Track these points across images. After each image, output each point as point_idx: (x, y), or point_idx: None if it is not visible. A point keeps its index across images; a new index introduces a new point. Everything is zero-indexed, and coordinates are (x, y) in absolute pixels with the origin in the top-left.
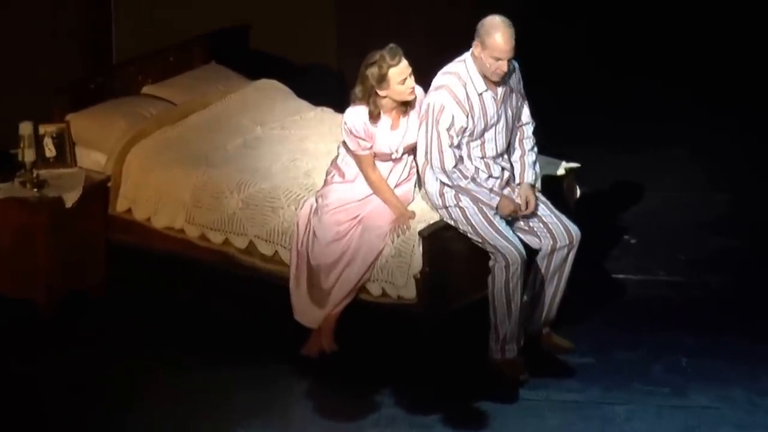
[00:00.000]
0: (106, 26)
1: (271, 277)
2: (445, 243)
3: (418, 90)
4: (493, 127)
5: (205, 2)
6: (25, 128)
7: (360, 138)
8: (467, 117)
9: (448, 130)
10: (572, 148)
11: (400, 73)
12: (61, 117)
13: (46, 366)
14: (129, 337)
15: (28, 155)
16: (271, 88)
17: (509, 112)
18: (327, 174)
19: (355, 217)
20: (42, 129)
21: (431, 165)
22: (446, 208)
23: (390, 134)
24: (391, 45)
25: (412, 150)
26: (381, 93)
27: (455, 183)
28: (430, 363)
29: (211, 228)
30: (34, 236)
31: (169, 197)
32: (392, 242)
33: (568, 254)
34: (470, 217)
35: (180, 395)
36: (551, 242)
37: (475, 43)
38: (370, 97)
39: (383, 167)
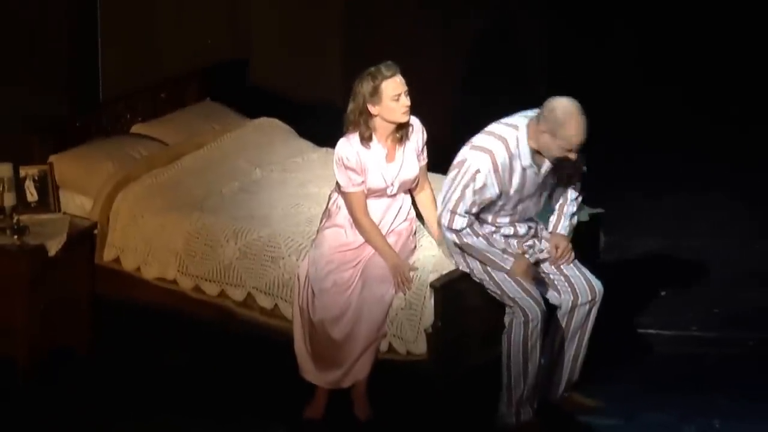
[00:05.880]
0: (92, 58)
1: (272, 332)
2: (459, 295)
3: (416, 121)
4: (529, 199)
5: (199, 34)
6: (4, 170)
7: (351, 169)
8: (500, 191)
9: (474, 195)
10: (595, 192)
11: (394, 87)
12: (44, 158)
13: None
14: (118, 401)
15: (8, 199)
16: (271, 128)
17: (551, 181)
18: (320, 221)
19: (355, 265)
20: (23, 171)
21: (439, 219)
22: (463, 254)
23: (385, 166)
24: (389, 61)
25: (408, 189)
26: (373, 110)
27: (463, 241)
28: (441, 427)
29: (206, 279)
30: (14, 288)
31: (161, 246)
32: (404, 294)
33: (590, 311)
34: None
35: None
36: (572, 298)
37: (541, 127)
38: (361, 116)
39: (377, 206)
